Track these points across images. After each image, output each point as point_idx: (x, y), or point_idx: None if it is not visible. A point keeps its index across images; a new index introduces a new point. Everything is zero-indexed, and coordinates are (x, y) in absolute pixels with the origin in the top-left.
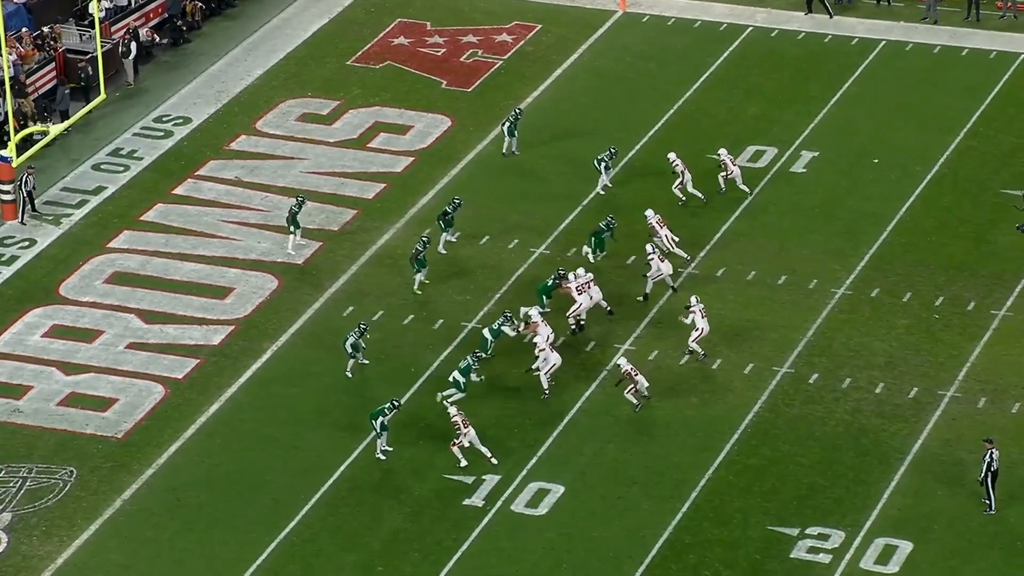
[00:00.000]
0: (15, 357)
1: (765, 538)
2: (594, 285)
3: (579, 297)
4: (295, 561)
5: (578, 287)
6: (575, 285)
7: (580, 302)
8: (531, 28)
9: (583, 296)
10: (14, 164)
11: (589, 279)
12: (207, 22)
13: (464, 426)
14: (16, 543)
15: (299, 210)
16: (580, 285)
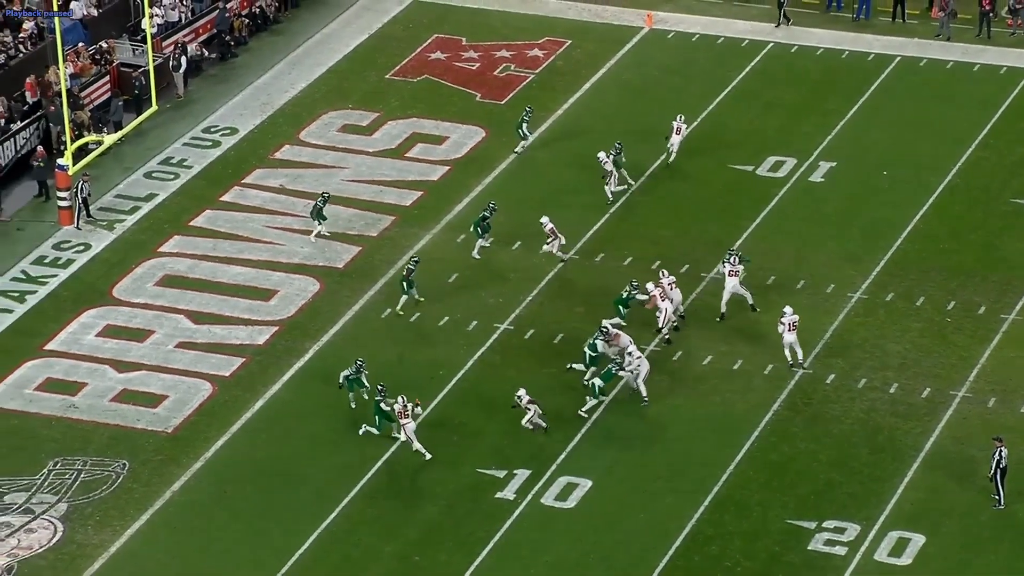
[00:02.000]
0: (71, 356)
1: (784, 531)
2: (675, 288)
3: (662, 304)
4: (335, 551)
5: (661, 294)
6: (659, 292)
7: (664, 309)
8: (561, 44)
9: (665, 303)
10: (70, 172)
11: (672, 281)
12: (253, 38)
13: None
14: (71, 532)
15: (323, 205)
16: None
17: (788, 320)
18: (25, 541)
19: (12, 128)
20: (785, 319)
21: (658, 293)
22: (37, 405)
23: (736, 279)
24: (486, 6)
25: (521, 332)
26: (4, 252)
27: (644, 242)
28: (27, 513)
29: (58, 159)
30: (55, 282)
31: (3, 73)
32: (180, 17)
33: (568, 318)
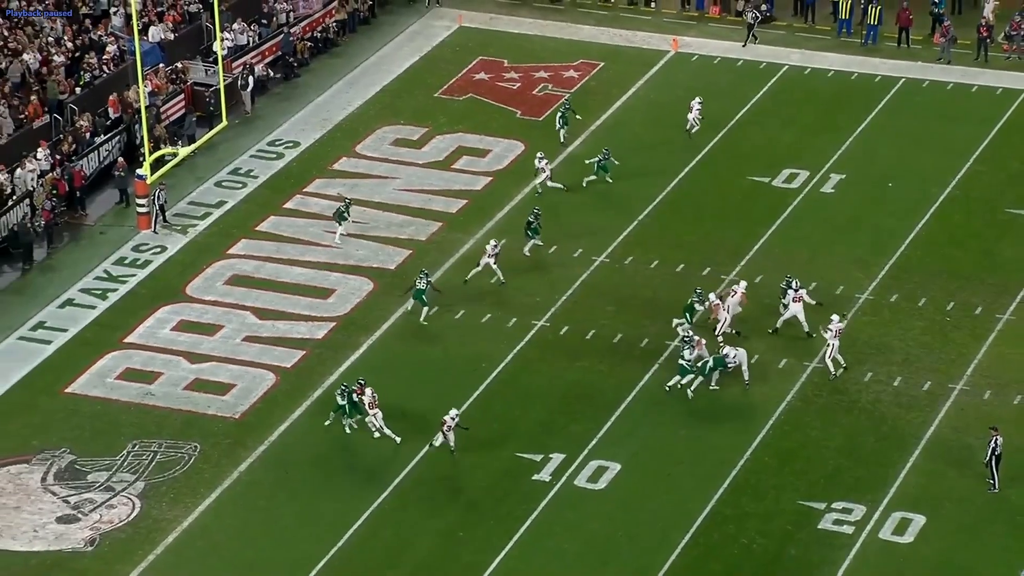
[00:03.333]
0: (148, 348)
1: (796, 511)
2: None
3: (721, 314)
4: (387, 527)
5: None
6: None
7: (723, 318)
8: (595, 65)
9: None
10: (148, 181)
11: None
12: (314, 59)
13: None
14: (148, 508)
15: (346, 210)
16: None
17: (835, 327)
18: (106, 516)
19: (96, 141)
20: (832, 326)
21: (720, 303)
22: (117, 392)
23: (800, 305)
24: (526, 31)
25: (556, 329)
26: (88, 254)
27: (669, 246)
28: (108, 490)
29: (137, 169)
30: (134, 281)
31: (89, 92)
32: (248, 41)
33: (599, 316)
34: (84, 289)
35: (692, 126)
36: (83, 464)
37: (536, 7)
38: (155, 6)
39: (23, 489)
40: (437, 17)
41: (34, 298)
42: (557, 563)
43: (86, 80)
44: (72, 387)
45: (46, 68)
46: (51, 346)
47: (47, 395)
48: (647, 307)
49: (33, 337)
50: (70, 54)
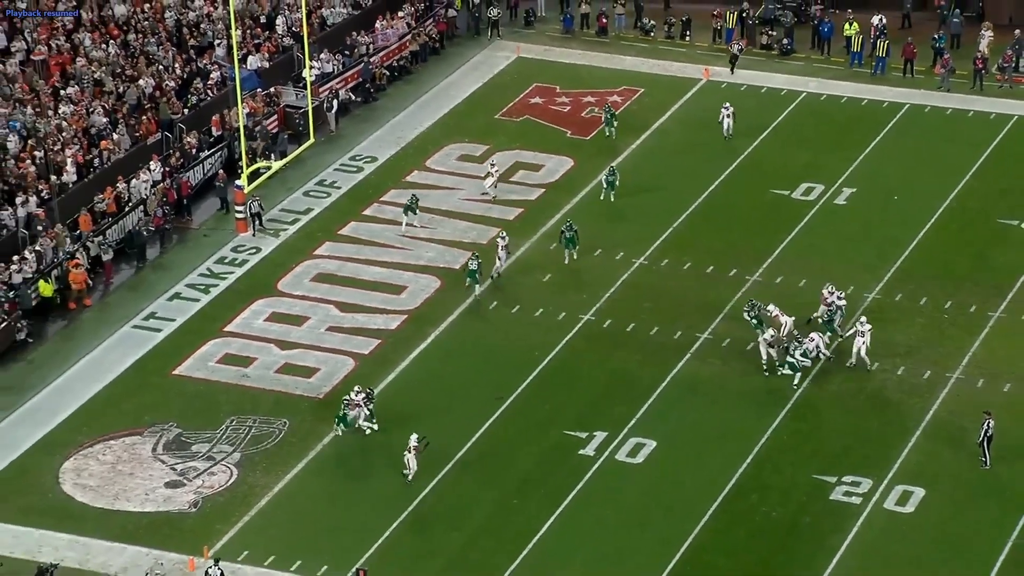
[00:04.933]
0: (244, 336)
1: (810, 484)
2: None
3: (783, 319)
4: (448, 494)
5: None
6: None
7: (785, 322)
8: (635, 91)
9: (786, 318)
10: (245, 191)
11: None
12: (391, 85)
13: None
14: (243, 476)
15: (414, 203)
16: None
17: (864, 329)
18: (208, 482)
19: (201, 156)
20: (863, 328)
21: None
22: (217, 375)
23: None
24: (576, 61)
25: (600, 322)
26: (193, 254)
27: (700, 251)
28: (209, 460)
29: (236, 180)
30: (232, 277)
31: (195, 112)
32: (333, 68)
33: (638, 312)
34: (189, 284)
35: (728, 131)
36: (188, 437)
37: (585, 40)
38: (253, 38)
39: (136, 458)
40: (498, 49)
41: (146, 292)
42: (599, 528)
43: (193, 102)
44: (179, 370)
45: (159, 92)
46: (161, 334)
47: (157, 376)
48: (680, 304)
49: (145, 326)
50: (180, 80)
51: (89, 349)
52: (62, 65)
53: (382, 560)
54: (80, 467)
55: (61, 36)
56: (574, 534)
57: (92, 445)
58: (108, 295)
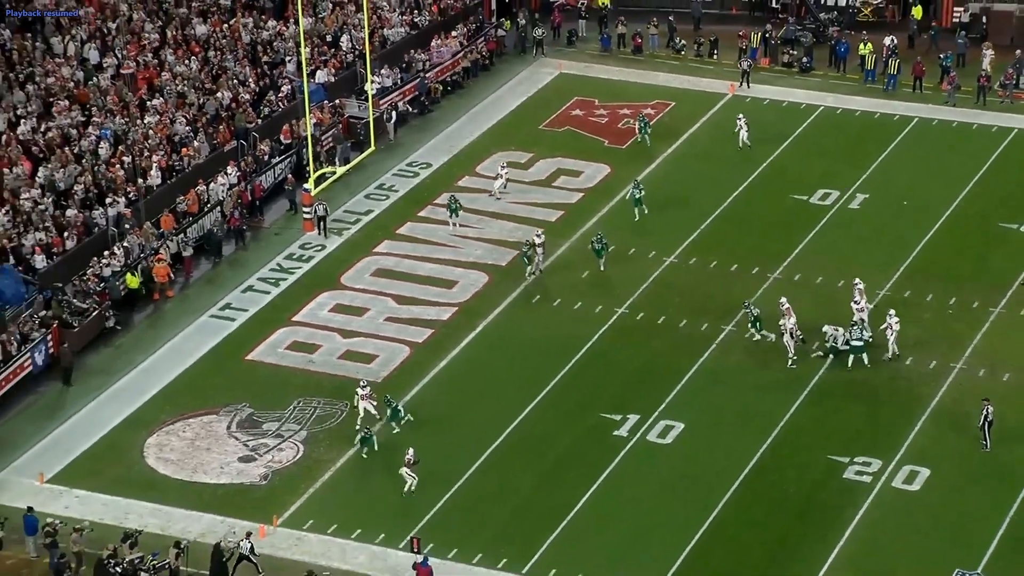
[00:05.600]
0: (310, 325)
1: (825, 464)
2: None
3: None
4: (493, 472)
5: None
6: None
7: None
8: (667, 104)
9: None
10: (312, 194)
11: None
12: (444, 99)
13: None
14: (309, 451)
15: (455, 204)
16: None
17: (893, 322)
18: (277, 457)
19: (273, 161)
20: (893, 320)
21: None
22: (286, 360)
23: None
24: (613, 77)
25: (634, 315)
26: (264, 250)
27: (726, 250)
28: (278, 437)
29: (304, 184)
30: (300, 272)
31: (268, 122)
32: (392, 83)
33: (668, 305)
34: (261, 278)
35: (744, 142)
36: (259, 416)
37: (621, 58)
38: (320, 55)
39: (212, 435)
40: (543, 65)
41: (222, 285)
42: (632, 502)
43: (266, 113)
44: (251, 355)
45: (235, 103)
46: (235, 323)
47: (232, 361)
48: (707, 299)
49: (221, 315)
50: (254, 93)
51: (171, 336)
52: (149, 79)
53: (433, 531)
54: (162, 443)
55: (148, 53)
56: (609, 508)
57: (173, 423)
58: (188, 287)
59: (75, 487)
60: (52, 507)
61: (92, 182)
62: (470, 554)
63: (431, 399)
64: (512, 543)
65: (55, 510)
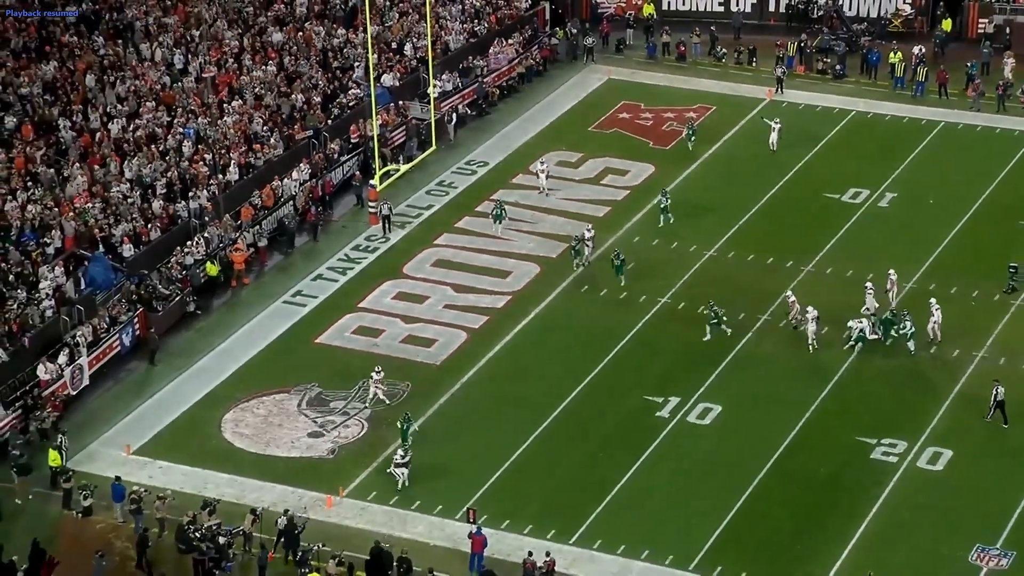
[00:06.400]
0: (374, 311)
1: (853, 445)
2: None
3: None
4: (543, 449)
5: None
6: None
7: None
8: (708, 108)
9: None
10: (378, 190)
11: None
12: (501, 102)
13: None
14: (372, 429)
15: (500, 210)
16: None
17: (934, 310)
18: (343, 433)
19: (342, 159)
20: (934, 309)
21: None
22: (352, 343)
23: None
24: (658, 82)
25: (676, 304)
26: (333, 242)
27: (762, 245)
28: (344, 415)
29: (370, 180)
30: (365, 262)
31: (337, 123)
32: (453, 87)
33: (708, 294)
34: (330, 267)
35: (774, 145)
36: (327, 395)
37: (666, 65)
38: (386, 61)
39: (284, 412)
40: (592, 71)
41: (294, 274)
42: (672, 479)
43: (335, 114)
44: (320, 339)
45: (307, 105)
46: (305, 308)
47: (302, 344)
48: (744, 290)
49: (293, 302)
50: (325, 95)
51: (247, 320)
52: (228, 82)
53: (487, 503)
54: (238, 419)
55: (229, 58)
56: (650, 484)
57: (248, 400)
58: (263, 275)
59: (158, 458)
60: (137, 476)
61: (176, 177)
62: (521, 525)
63: (486, 382)
64: (560, 515)
65: (140, 479)
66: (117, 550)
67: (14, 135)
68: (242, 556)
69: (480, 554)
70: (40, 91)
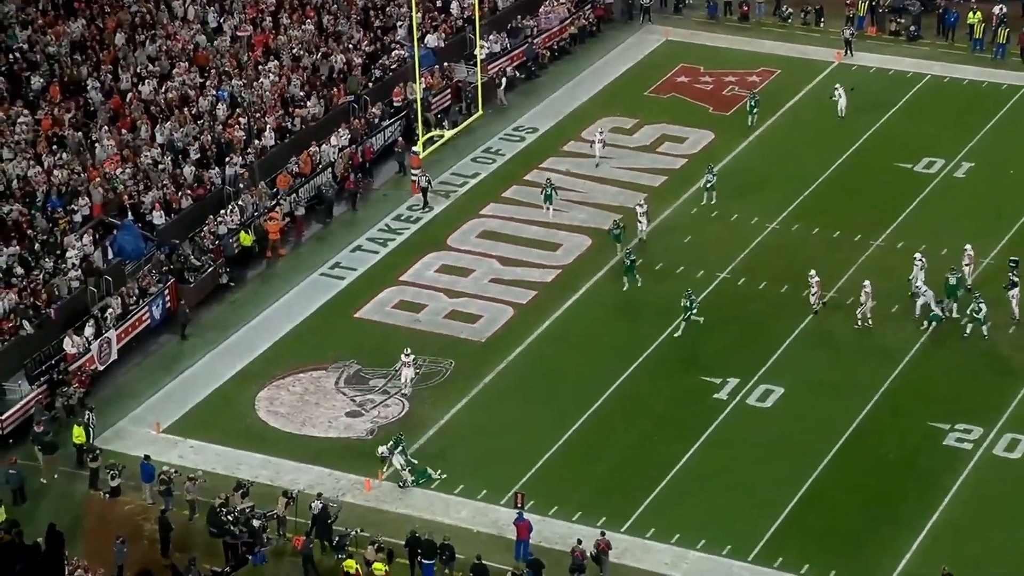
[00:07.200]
0: (416, 285)
1: (925, 431)
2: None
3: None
4: (595, 431)
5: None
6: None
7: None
8: (773, 72)
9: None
10: (421, 156)
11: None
12: (551, 64)
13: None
14: (414, 408)
15: (551, 190)
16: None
17: (1014, 280)
18: (383, 412)
19: (383, 124)
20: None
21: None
22: (392, 318)
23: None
24: (719, 44)
25: (735, 280)
26: (374, 211)
27: (828, 217)
28: (384, 393)
29: (412, 147)
30: (407, 232)
31: (379, 86)
32: (501, 48)
33: (769, 271)
34: (370, 238)
35: (842, 112)
36: (366, 372)
37: (728, 25)
38: (431, 20)
39: (321, 390)
40: (649, 32)
41: (333, 244)
42: (729, 464)
43: (377, 76)
44: (359, 313)
45: (348, 67)
46: (344, 281)
47: (341, 318)
48: (808, 266)
49: (331, 274)
50: (366, 56)
51: (282, 293)
52: (265, 42)
53: (535, 487)
54: (273, 396)
55: (266, 16)
56: (707, 470)
57: (283, 377)
58: (300, 246)
59: (189, 437)
60: (167, 456)
61: (209, 142)
62: (570, 511)
63: (534, 359)
64: (611, 502)
65: (170, 459)
66: (146, 533)
67: (41, 96)
68: (276, 541)
69: (526, 541)
70: (68, 50)
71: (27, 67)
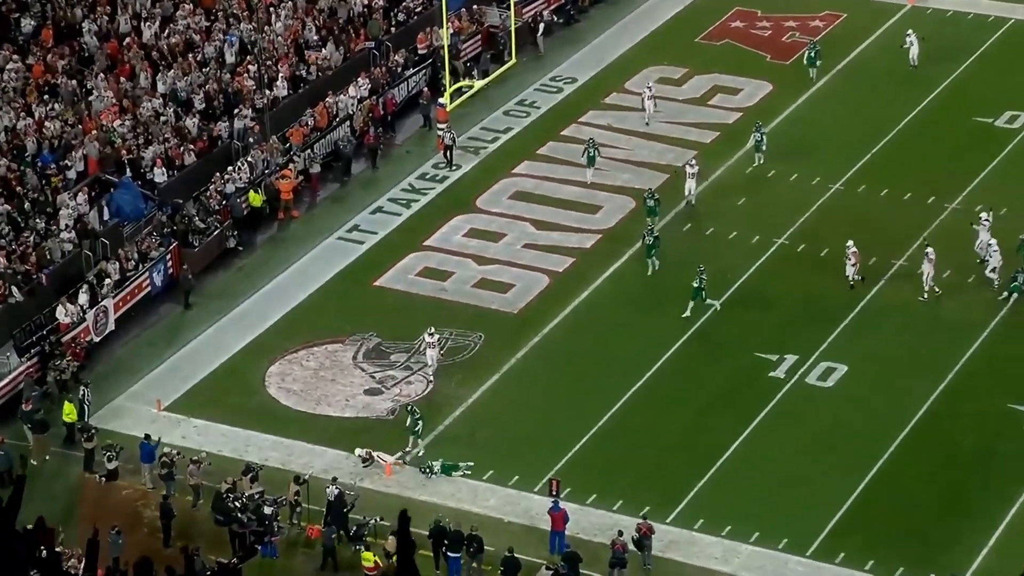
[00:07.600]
0: (443, 251)
1: (1005, 413)
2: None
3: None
4: (639, 412)
5: None
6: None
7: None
8: (838, 16)
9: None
10: (448, 109)
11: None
12: (593, 7)
13: None
14: (440, 386)
15: (593, 150)
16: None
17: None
18: (405, 390)
19: (406, 74)
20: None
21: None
22: (416, 287)
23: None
24: None
25: (794, 246)
26: (395, 169)
27: (898, 177)
28: (407, 369)
29: (439, 99)
30: (433, 193)
31: (403, 31)
32: None
33: (832, 237)
34: (392, 199)
35: (913, 61)
36: (387, 346)
37: None
38: None
39: (337, 365)
40: None
41: (351, 206)
42: (787, 449)
43: (400, 20)
44: (380, 281)
45: (368, 9)
46: (363, 246)
47: (359, 286)
48: (876, 231)
49: (349, 238)
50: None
51: (295, 258)
52: None
53: (572, 472)
54: (285, 372)
55: None
56: (762, 455)
57: (296, 351)
58: (314, 207)
59: (193, 416)
60: (169, 436)
61: (216, 92)
62: (610, 500)
63: (571, 333)
64: (655, 490)
65: (172, 440)
66: (145, 520)
67: (31, 40)
68: (288, 530)
69: (561, 532)
70: None
71: (16, 8)
